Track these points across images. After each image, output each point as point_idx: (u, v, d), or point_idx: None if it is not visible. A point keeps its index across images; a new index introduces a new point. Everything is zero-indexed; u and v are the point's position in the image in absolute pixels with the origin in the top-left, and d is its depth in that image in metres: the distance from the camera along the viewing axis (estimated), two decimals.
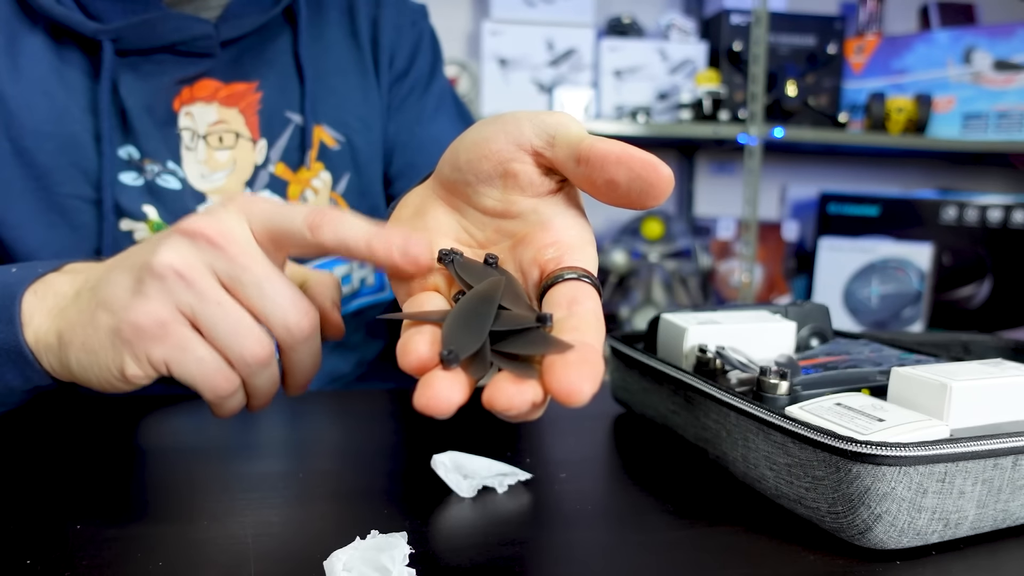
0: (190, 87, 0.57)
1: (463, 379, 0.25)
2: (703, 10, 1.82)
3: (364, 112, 0.63)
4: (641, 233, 1.79)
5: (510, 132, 0.31)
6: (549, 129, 0.31)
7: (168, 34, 0.55)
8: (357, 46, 0.64)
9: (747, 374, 0.41)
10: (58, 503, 0.36)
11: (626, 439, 0.46)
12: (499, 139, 0.31)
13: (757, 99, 1.65)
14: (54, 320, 0.33)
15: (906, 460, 0.30)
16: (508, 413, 0.24)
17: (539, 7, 1.65)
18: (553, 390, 0.24)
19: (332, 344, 0.63)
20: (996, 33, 1.73)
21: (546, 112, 0.32)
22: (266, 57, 0.60)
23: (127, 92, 0.55)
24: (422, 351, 0.26)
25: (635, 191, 0.29)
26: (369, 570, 0.28)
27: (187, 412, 0.51)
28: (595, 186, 0.30)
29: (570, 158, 0.30)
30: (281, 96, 0.60)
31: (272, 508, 0.36)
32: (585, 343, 0.25)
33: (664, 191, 0.29)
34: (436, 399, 0.25)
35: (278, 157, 0.60)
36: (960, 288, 1.80)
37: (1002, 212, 1.76)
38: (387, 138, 0.65)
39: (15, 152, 0.53)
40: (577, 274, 0.29)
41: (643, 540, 0.33)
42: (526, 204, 0.32)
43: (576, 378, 0.23)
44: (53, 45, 0.54)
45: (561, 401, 0.23)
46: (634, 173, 0.29)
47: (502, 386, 0.24)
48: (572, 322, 0.27)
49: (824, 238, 1.82)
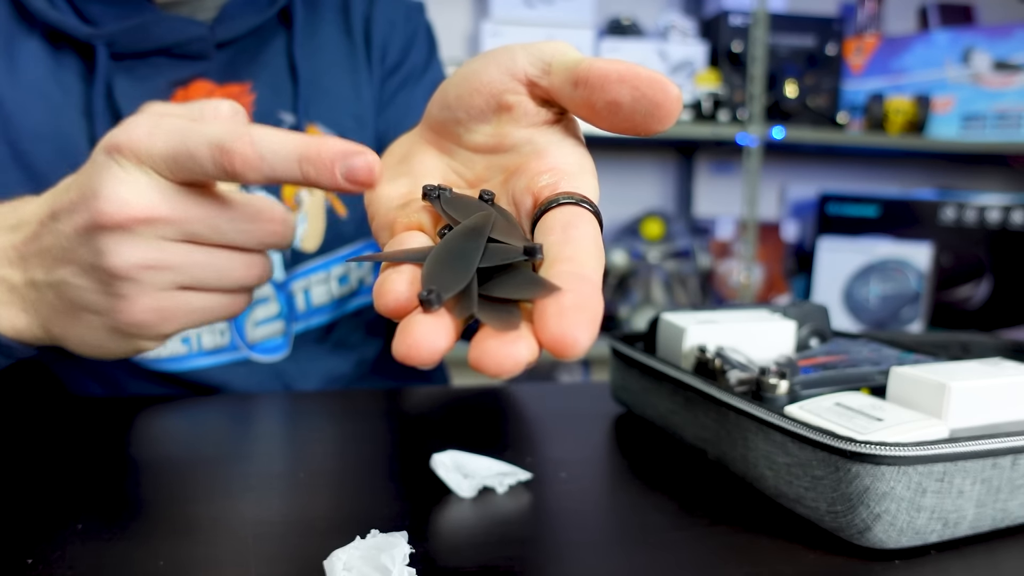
0: (184, 88, 0.57)
1: (448, 322, 0.22)
2: (702, 11, 1.82)
3: (357, 110, 0.63)
4: (640, 233, 1.79)
5: (502, 63, 0.29)
6: (545, 56, 0.29)
7: (162, 37, 0.55)
8: (351, 43, 0.64)
9: (746, 374, 0.41)
10: (58, 503, 0.36)
11: (626, 439, 0.46)
12: (490, 71, 0.29)
13: (756, 99, 1.65)
14: (29, 315, 0.34)
15: (905, 460, 0.30)
16: (500, 375, 0.21)
17: (539, 8, 1.65)
18: (544, 341, 0.21)
19: (332, 344, 0.63)
20: (995, 34, 1.73)
21: (542, 41, 0.30)
22: (260, 58, 0.60)
23: (122, 95, 0.55)
24: (400, 290, 0.24)
25: (640, 112, 0.26)
26: (369, 570, 0.28)
27: (188, 412, 0.51)
28: (595, 110, 0.27)
29: (567, 82, 0.28)
30: (275, 97, 0.60)
31: (272, 508, 0.36)
32: (581, 276, 0.22)
33: (672, 111, 0.26)
34: (417, 346, 0.21)
35: None
36: (959, 288, 1.81)
37: (1001, 212, 1.76)
38: (379, 132, 0.65)
39: (12, 155, 0.53)
40: (575, 199, 0.26)
41: (643, 540, 0.33)
42: (520, 135, 0.30)
43: (570, 326, 0.20)
44: (49, 49, 0.54)
45: (555, 354, 0.21)
46: (639, 92, 0.26)
47: (487, 345, 0.21)
48: (567, 250, 0.24)
49: (823, 238, 1.82)
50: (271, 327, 0.60)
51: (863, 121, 1.77)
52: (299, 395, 0.56)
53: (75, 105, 0.54)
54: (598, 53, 1.66)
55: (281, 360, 0.61)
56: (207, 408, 0.52)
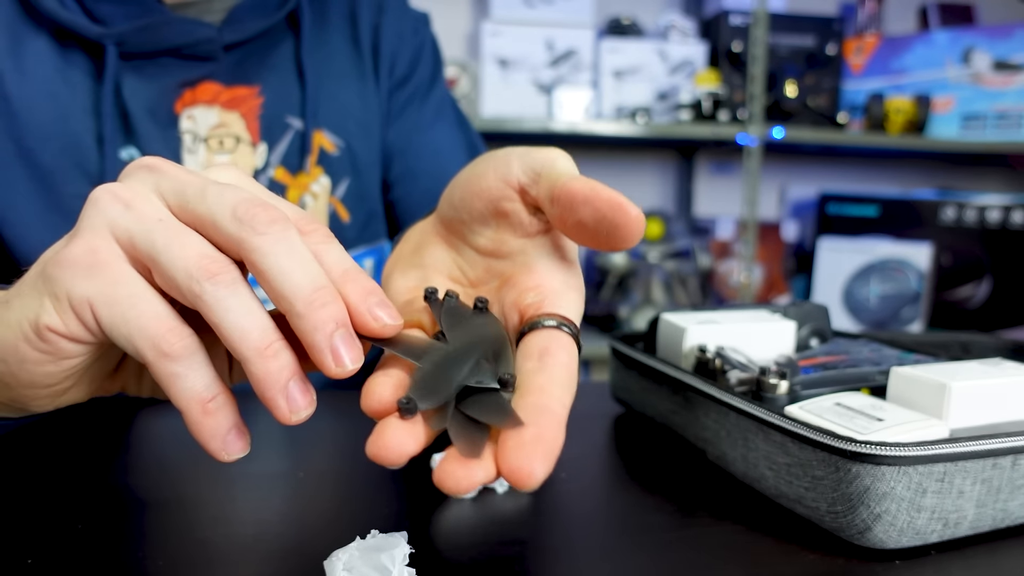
0: (192, 89, 0.57)
1: (420, 430, 0.24)
2: (703, 11, 1.82)
3: (363, 117, 0.63)
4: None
5: (499, 169, 0.30)
6: (535, 165, 0.29)
7: (171, 37, 0.55)
8: (358, 52, 0.64)
9: (747, 374, 0.41)
10: (59, 503, 0.36)
11: (626, 439, 0.46)
12: (489, 176, 0.30)
13: (756, 99, 1.65)
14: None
15: (905, 460, 0.30)
16: (457, 495, 0.23)
17: (539, 8, 1.65)
18: (503, 470, 0.23)
19: None
20: (995, 34, 1.73)
21: (537, 149, 0.30)
22: (269, 62, 0.60)
23: (130, 94, 0.55)
24: (384, 395, 0.25)
25: (603, 232, 0.27)
26: (369, 570, 0.28)
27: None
28: (567, 227, 0.28)
29: (546, 198, 0.28)
30: (282, 101, 0.60)
31: (272, 508, 0.36)
32: (547, 409, 0.24)
33: (634, 232, 0.27)
34: (387, 448, 0.24)
35: (278, 161, 0.60)
36: (959, 288, 1.80)
37: (1001, 212, 1.76)
38: (386, 144, 0.65)
39: (19, 153, 0.53)
40: (556, 322, 0.27)
41: (643, 540, 0.33)
42: (515, 244, 0.31)
43: (527, 460, 0.22)
44: (57, 47, 0.55)
45: (512, 484, 0.23)
46: (600, 213, 0.27)
47: (451, 468, 0.23)
48: (539, 379, 0.25)
49: (823, 238, 1.82)
50: None
51: (863, 121, 1.77)
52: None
53: (83, 104, 0.55)
54: (598, 53, 1.66)
55: None
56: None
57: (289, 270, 0.24)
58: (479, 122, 1.57)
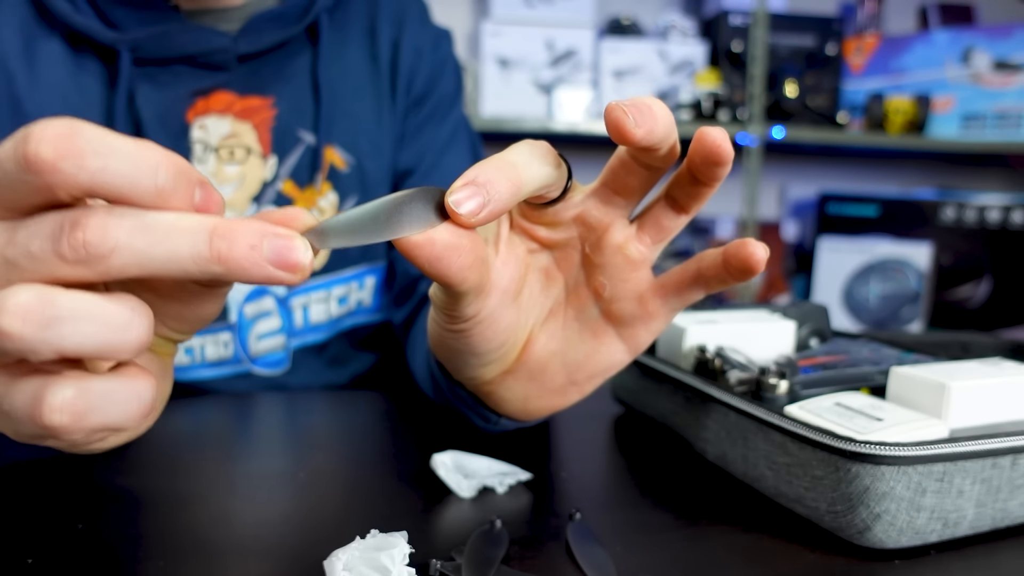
0: (205, 98, 0.57)
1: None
2: (703, 10, 1.83)
3: (376, 136, 0.62)
4: None
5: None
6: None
7: (186, 45, 0.54)
8: (376, 68, 0.63)
9: (746, 374, 0.41)
10: (59, 503, 0.36)
11: (626, 439, 0.46)
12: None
13: (756, 99, 1.65)
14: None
15: (905, 460, 0.30)
16: None
17: (539, 8, 1.65)
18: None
19: (327, 360, 0.63)
20: (995, 33, 1.73)
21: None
22: (284, 73, 0.59)
23: (143, 102, 0.55)
24: None
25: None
26: (369, 570, 0.28)
27: (188, 412, 0.51)
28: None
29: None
30: (296, 113, 0.59)
31: (272, 508, 0.36)
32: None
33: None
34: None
35: (287, 174, 0.59)
36: (959, 288, 1.81)
37: (1001, 212, 1.76)
38: (398, 163, 0.64)
39: None
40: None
41: (643, 540, 0.33)
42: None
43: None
44: (70, 52, 0.54)
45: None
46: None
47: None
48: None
49: (823, 238, 1.82)
50: (273, 341, 0.60)
51: (863, 121, 1.77)
52: (299, 395, 0.56)
53: (95, 109, 0.54)
54: (598, 53, 1.66)
55: (281, 374, 0.61)
56: (207, 408, 0.52)
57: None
58: (479, 122, 1.57)
